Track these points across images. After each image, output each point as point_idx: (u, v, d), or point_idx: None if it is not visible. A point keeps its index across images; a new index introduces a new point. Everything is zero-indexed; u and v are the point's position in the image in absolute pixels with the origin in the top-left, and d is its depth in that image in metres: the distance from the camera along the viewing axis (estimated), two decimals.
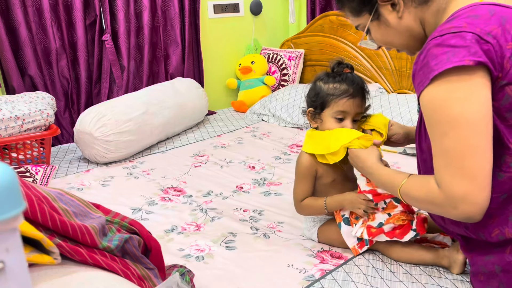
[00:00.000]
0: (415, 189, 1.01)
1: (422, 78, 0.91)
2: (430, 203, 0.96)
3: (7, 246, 0.42)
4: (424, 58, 0.90)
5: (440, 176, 0.91)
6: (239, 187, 1.86)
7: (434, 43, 0.89)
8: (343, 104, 1.28)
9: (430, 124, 0.92)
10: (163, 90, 2.50)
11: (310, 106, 1.35)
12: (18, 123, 1.91)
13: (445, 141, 0.88)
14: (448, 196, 0.90)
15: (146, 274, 0.88)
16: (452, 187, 0.88)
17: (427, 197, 0.96)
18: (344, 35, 2.92)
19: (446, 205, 0.91)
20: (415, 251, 1.26)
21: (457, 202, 0.88)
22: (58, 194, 0.83)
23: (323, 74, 1.35)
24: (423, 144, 1.05)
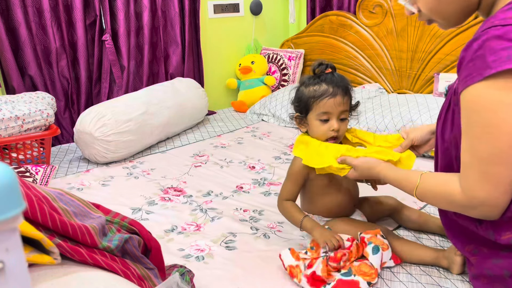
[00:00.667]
0: (432, 189, 0.99)
1: (472, 71, 0.83)
2: (449, 203, 0.95)
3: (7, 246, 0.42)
4: (479, 49, 0.82)
5: (465, 175, 0.89)
6: (239, 187, 1.86)
7: (494, 33, 0.81)
8: (324, 105, 1.26)
9: (469, 122, 0.87)
10: (163, 90, 2.50)
11: (296, 111, 1.35)
12: (18, 123, 1.91)
13: (479, 144, 0.85)
14: (469, 197, 0.89)
15: (146, 274, 0.88)
16: (475, 189, 0.87)
17: (446, 197, 0.95)
18: (344, 35, 2.92)
19: (466, 205, 0.90)
20: (414, 251, 1.26)
21: (478, 204, 0.88)
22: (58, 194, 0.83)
23: (305, 77, 1.34)
24: (447, 135, 1.00)
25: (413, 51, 2.61)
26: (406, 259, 1.27)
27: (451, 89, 1.04)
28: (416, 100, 2.34)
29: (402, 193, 1.36)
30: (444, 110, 1.03)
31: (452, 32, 2.41)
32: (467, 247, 1.04)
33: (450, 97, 1.01)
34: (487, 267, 0.97)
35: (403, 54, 2.66)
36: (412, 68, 2.64)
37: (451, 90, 1.04)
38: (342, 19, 2.91)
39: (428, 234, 1.43)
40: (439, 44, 2.48)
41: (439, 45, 2.48)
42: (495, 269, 0.95)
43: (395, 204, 1.48)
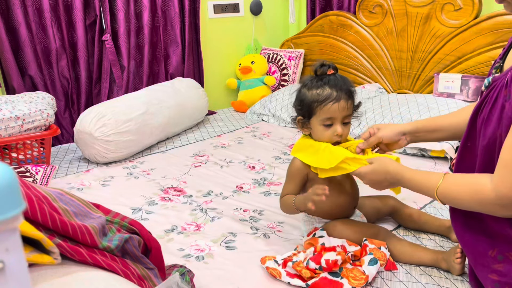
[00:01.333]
0: (457, 188, 0.97)
1: None
2: (477, 201, 0.93)
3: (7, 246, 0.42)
4: None
5: (501, 173, 0.87)
6: (239, 187, 1.86)
7: None
8: (328, 110, 1.25)
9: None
10: (163, 90, 2.50)
11: (298, 114, 1.33)
12: (18, 123, 1.91)
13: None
14: (500, 196, 0.88)
15: (146, 274, 0.88)
16: (509, 190, 0.86)
17: (474, 194, 0.93)
18: (344, 35, 2.92)
19: (496, 204, 0.89)
20: (414, 253, 1.26)
21: (507, 203, 0.87)
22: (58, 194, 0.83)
23: (308, 79, 1.31)
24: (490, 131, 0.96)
25: (413, 51, 2.61)
26: (406, 261, 1.27)
27: (500, 80, 0.98)
28: (416, 100, 2.34)
29: (403, 193, 1.36)
30: (489, 104, 0.98)
31: (452, 32, 2.41)
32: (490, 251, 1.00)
33: (499, 89, 0.96)
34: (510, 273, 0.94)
35: (403, 54, 2.66)
36: (412, 68, 2.64)
37: (499, 81, 0.98)
38: (342, 19, 2.91)
39: (428, 234, 1.43)
40: (439, 44, 2.48)
41: (439, 45, 2.48)
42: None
43: (395, 204, 1.48)
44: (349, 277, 1.17)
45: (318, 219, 1.38)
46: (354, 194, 1.39)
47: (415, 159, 2.08)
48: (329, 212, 1.36)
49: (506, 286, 0.95)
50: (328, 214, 1.37)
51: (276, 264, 1.25)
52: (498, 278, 0.96)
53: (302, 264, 1.20)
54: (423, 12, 2.52)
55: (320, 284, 1.15)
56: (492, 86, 1.00)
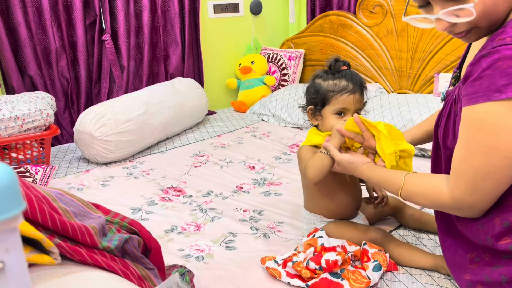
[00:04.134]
0: (418, 188, 1.02)
1: (478, 90, 0.82)
2: (434, 203, 0.98)
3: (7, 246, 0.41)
4: (489, 68, 0.80)
5: (456, 181, 0.92)
6: (239, 187, 1.85)
7: (506, 54, 0.78)
8: (344, 100, 1.27)
9: (469, 136, 0.87)
10: (163, 90, 2.50)
11: (310, 103, 1.34)
12: (18, 123, 1.91)
13: (475, 159, 0.86)
14: (456, 201, 0.92)
15: (146, 274, 0.88)
16: (464, 195, 0.90)
17: (432, 196, 0.98)
18: (344, 35, 2.92)
19: (452, 207, 0.95)
20: (414, 258, 1.26)
21: (464, 207, 0.92)
22: (58, 194, 0.83)
23: (321, 71, 1.34)
24: (449, 142, 1.01)
25: (413, 51, 2.61)
26: (405, 264, 1.27)
27: (451, 96, 1.02)
28: (416, 100, 2.34)
29: None
30: (444, 118, 1.02)
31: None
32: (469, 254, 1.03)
33: (450, 105, 1.00)
34: (486, 273, 0.97)
35: (403, 54, 2.66)
36: (412, 68, 2.64)
37: (450, 97, 1.02)
38: (342, 19, 2.91)
39: (428, 234, 1.43)
40: (439, 44, 2.48)
41: (439, 45, 2.48)
42: (494, 275, 0.95)
43: (397, 204, 1.48)
44: (350, 279, 1.17)
45: (320, 218, 1.38)
46: (357, 195, 1.39)
47: (415, 159, 2.08)
48: (331, 211, 1.37)
49: (477, 284, 0.98)
50: (330, 213, 1.37)
51: (276, 264, 1.25)
52: (471, 278, 1.00)
53: (302, 264, 1.20)
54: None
55: (321, 284, 1.15)
56: (446, 100, 1.06)
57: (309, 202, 1.41)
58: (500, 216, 0.91)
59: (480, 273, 0.98)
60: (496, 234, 0.92)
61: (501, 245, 0.91)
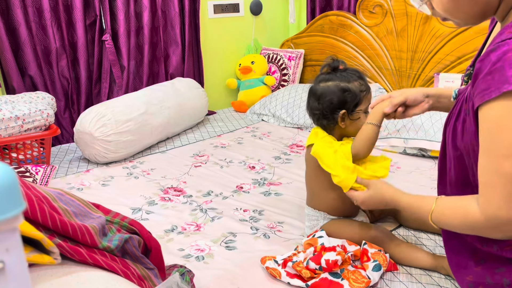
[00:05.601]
0: (449, 211, 0.95)
1: (490, 85, 0.80)
2: (468, 226, 0.91)
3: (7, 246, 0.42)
4: (498, 61, 0.78)
5: (486, 195, 0.85)
6: (239, 187, 1.86)
7: None
8: (369, 98, 1.34)
9: (491, 141, 0.83)
10: (163, 90, 2.50)
11: (342, 108, 1.31)
12: (18, 123, 1.91)
13: (504, 163, 0.81)
14: (490, 219, 0.85)
15: (146, 274, 0.88)
16: (500, 209, 0.83)
17: (464, 218, 0.91)
18: (344, 35, 2.92)
19: (487, 226, 0.87)
20: (414, 257, 1.26)
21: (501, 224, 0.85)
22: (58, 194, 0.83)
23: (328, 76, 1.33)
24: (459, 142, 0.96)
25: (413, 51, 2.61)
26: (405, 264, 1.27)
27: (462, 95, 0.99)
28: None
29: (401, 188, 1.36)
30: (454, 117, 0.99)
31: (452, 32, 2.41)
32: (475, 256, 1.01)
33: (461, 104, 0.97)
34: (489, 275, 0.95)
35: (403, 54, 2.66)
36: (412, 68, 2.64)
37: (461, 95, 0.99)
38: (342, 19, 2.91)
39: (428, 234, 1.43)
40: (439, 44, 2.48)
41: (439, 45, 2.48)
42: (496, 277, 0.93)
43: None
44: (350, 278, 1.17)
45: (324, 214, 1.38)
46: None
47: (415, 159, 2.08)
48: (333, 208, 1.37)
49: (479, 286, 0.97)
50: (333, 210, 1.37)
51: (276, 264, 1.25)
52: (473, 279, 0.98)
53: (302, 264, 1.20)
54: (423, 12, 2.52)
55: (321, 284, 1.16)
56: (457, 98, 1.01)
57: (314, 199, 1.41)
58: None
59: (483, 275, 0.97)
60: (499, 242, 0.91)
61: (506, 250, 0.89)
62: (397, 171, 1.93)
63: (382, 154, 1.37)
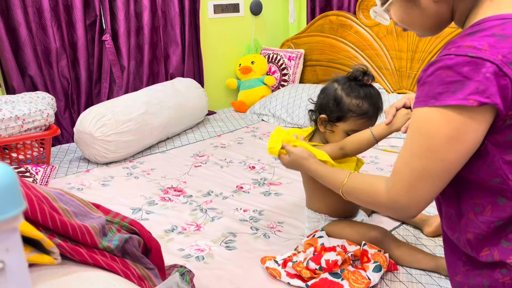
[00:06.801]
0: (359, 188, 1.05)
1: (420, 95, 0.87)
2: (372, 201, 1.00)
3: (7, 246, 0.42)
4: (431, 75, 0.84)
5: (394, 180, 0.93)
6: (239, 187, 1.86)
7: (446, 63, 0.82)
8: (360, 124, 1.26)
9: (412, 138, 0.91)
10: (163, 90, 2.50)
11: (324, 111, 1.30)
12: (18, 123, 1.91)
13: (415, 160, 0.89)
14: (392, 201, 0.94)
15: (146, 274, 0.88)
16: (400, 195, 0.92)
17: (371, 196, 1.00)
18: (344, 35, 2.92)
19: (387, 206, 0.96)
20: (414, 258, 1.26)
21: (398, 208, 0.93)
22: (58, 194, 0.83)
23: (343, 79, 1.30)
24: None
25: (413, 51, 2.61)
26: (405, 265, 1.27)
27: None
28: None
29: None
30: None
31: (452, 32, 2.41)
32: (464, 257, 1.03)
33: None
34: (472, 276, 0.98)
35: (403, 54, 2.66)
36: (412, 68, 2.64)
37: None
38: (342, 19, 2.91)
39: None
40: (439, 44, 2.48)
41: (439, 45, 2.48)
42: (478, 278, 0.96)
43: None
44: (350, 279, 1.17)
45: (324, 216, 1.38)
46: None
47: None
48: (333, 209, 1.37)
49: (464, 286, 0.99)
50: (333, 211, 1.37)
51: (276, 264, 1.25)
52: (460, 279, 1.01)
53: (302, 264, 1.20)
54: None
55: (321, 285, 1.16)
56: None
57: (313, 201, 1.41)
58: (471, 231, 0.92)
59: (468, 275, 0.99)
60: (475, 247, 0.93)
61: (481, 256, 0.92)
62: None
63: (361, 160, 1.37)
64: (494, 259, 0.90)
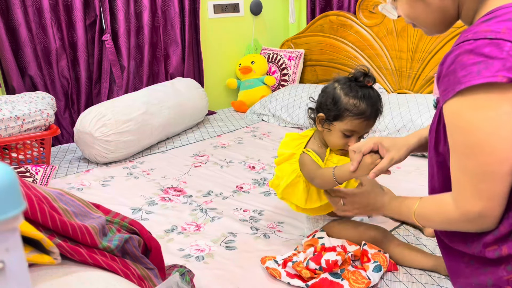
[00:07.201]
0: (429, 209, 0.99)
1: (447, 87, 0.84)
2: (445, 220, 0.94)
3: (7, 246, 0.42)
4: (452, 64, 0.82)
5: (458, 191, 0.89)
6: (239, 187, 1.86)
7: (466, 48, 0.80)
8: (357, 125, 1.25)
9: (453, 140, 0.87)
10: (163, 90, 2.50)
11: (322, 110, 1.30)
12: (18, 123, 1.91)
13: (466, 161, 0.84)
14: (463, 213, 0.89)
15: (146, 274, 0.88)
16: (469, 204, 0.87)
17: (441, 214, 0.94)
18: (344, 35, 2.92)
19: (462, 220, 0.90)
20: (414, 258, 1.26)
21: (474, 217, 0.88)
22: (58, 194, 0.83)
23: (344, 79, 1.29)
24: (441, 148, 0.99)
25: (413, 51, 2.61)
26: (405, 264, 1.27)
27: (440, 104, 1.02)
28: (416, 100, 2.34)
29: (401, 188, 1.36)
30: (435, 123, 1.02)
31: (453, 32, 2.41)
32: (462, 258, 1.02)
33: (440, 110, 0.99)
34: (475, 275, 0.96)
35: (403, 54, 2.66)
36: (412, 68, 2.64)
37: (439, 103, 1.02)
38: (342, 19, 2.91)
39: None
40: (439, 44, 2.48)
41: (439, 45, 2.48)
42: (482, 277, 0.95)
43: None
44: (350, 279, 1.17)
45: (323, 216, 1.38)
46: None
47: (415, 159, 2.08)
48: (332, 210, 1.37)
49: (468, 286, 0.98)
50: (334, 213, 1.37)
51: (276, 264, 1.25)
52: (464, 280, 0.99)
53: (302, 264, 1.20)
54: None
55: (321, 285, 1.16)
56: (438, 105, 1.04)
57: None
58: None
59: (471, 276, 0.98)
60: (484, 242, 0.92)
61: (488, 251, 0.91)
62: (397, 171, 1.93)
63: None
64: (501, 254, 0.88)
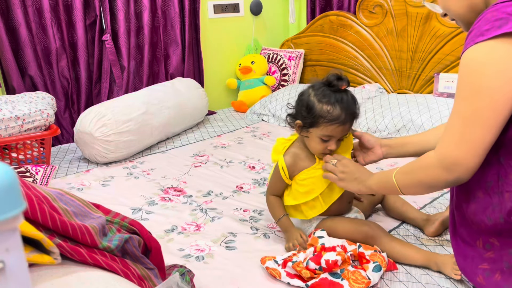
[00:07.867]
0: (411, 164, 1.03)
1: (469, 41, 0.88)
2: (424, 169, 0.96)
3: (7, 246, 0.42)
4: (478, 22, 0.88)
5: (443, 137, 0.91)
6: (239, 187, 1.86)
7: (492, 9, 0.87)
8: (332, 130, 1.27)
9: (459, 85, 0.90)
10: (163, 90, 2.50)
11: (299, 117, 1.33)
12: (18, 123, 1.91)
13: (463, 105, 0.87)
14: (440, 158, 0.91)
15: (146, 274, 0.88)
16: (449, 149, 0.89)
17: (421, 164, 0.97)
18: (344, 35, 2.92)
19: (437, 166, 0.92)
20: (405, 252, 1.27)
21: (450, 164, 0.90)
22: (58, 194, 0.83)
23: (319, 85, 1.30)
24: None
25: (413, 51, 2.61)
26: (397, 259, 1.27)
27: None
28: (416, 100, 2.34)
29: None
30: None
31: (452, 32, 2.41)
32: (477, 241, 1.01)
33: None
34: (506, 260, 0.94)
35: (403, 54, 2.66)
36: (412, 68, 2.64)
37: None
38: (342, 19, 2.91)
39: None
40: (439, 44, 2.48)
41: (439, 45, 2.48)
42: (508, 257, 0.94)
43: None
44: (350, 279, 1.17)
45: (317, 216, 1.39)
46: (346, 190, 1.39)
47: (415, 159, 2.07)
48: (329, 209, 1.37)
49: (496, 272, 0.96)
50: (326, 211, 1.37)
51: (276, 264, 1.25)
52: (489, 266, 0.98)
53: (302, 265, 1.20)
54: (423, 12, 2.52)
55: (321, 285, 1.16)
56: None
57: None
58: (510, 191, 0.90)
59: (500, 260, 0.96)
60: (508, 210, 0.91)
61: None
62: None
63: None
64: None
